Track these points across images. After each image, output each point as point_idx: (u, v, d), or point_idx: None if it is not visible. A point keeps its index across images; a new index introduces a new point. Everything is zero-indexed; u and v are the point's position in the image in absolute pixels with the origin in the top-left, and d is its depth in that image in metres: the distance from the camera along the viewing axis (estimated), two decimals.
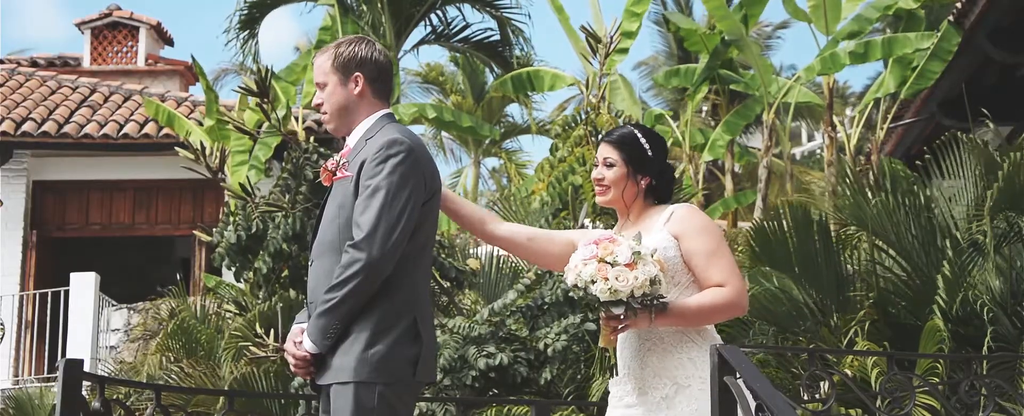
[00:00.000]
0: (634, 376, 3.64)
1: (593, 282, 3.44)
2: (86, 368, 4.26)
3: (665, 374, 3.59)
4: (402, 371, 3.42)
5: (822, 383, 5.61)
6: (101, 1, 19.66)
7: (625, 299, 3.43)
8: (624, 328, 3.54)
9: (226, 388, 7.25)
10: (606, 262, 3.44)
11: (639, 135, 3.77)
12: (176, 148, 8.78)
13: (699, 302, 3.57)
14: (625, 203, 3.74)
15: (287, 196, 7.71)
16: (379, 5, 17.26)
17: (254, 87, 8.15)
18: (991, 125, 9.59)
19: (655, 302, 3.49)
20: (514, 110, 28.02)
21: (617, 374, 3.78)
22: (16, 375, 13.95)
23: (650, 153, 3.75)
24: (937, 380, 5.63)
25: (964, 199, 6.70)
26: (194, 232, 11.53)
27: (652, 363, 3.61)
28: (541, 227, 7.25)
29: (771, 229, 6.70)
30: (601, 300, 3.44)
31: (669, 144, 15.16)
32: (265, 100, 8.20)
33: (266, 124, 9.84)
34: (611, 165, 3.75)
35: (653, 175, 3.75)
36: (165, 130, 14.59)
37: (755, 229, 6.96)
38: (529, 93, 15.22)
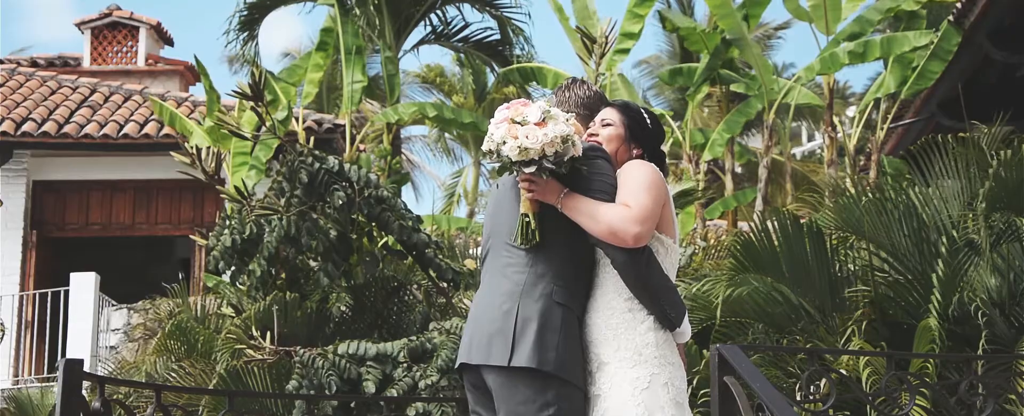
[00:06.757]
0: None
1: (504, 143, 3.43)
2: (86, 368, 4.25)
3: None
4: None
5: (821, 381, 5.62)
6: (101, 1, 19.68)
7: (536, 157, 3.42)
8: (540, 193, 3.49)
9: (212, 387, 7.23)
10: (516, 122, 3.44)
11: (641, 109, 3.85)
12: (171, 153, 8.75)
13: (599, 204, 3.50)
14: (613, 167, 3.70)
15: (282, 199, 7.65)
16: (379, 5, 17.25)
17: (248, 90, 8.07)
18: (985, 128, 9.56)
19: (574, 163, 3.45)
20: None
21: None
22: (16, 375, 13.95)
23: (649, 125, 3.80)
24: (928, 380, 5.61)
25: (959, 198, 6.64)
26: (191, 236, 11.54)
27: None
28: None
29: (759, 238, 6.53)
30: (512, 160, 3.43)
31: (670, 144, 15.10)
32: (260, 103, 8.11)
33: (264, 127, 9.81)
34: (608, 125, 3.78)
35: (646, 148, 3.77)
36: (165, 130, 14.59)
37: (742, 242, 6.77)
38: (534, 85, 15.20)
